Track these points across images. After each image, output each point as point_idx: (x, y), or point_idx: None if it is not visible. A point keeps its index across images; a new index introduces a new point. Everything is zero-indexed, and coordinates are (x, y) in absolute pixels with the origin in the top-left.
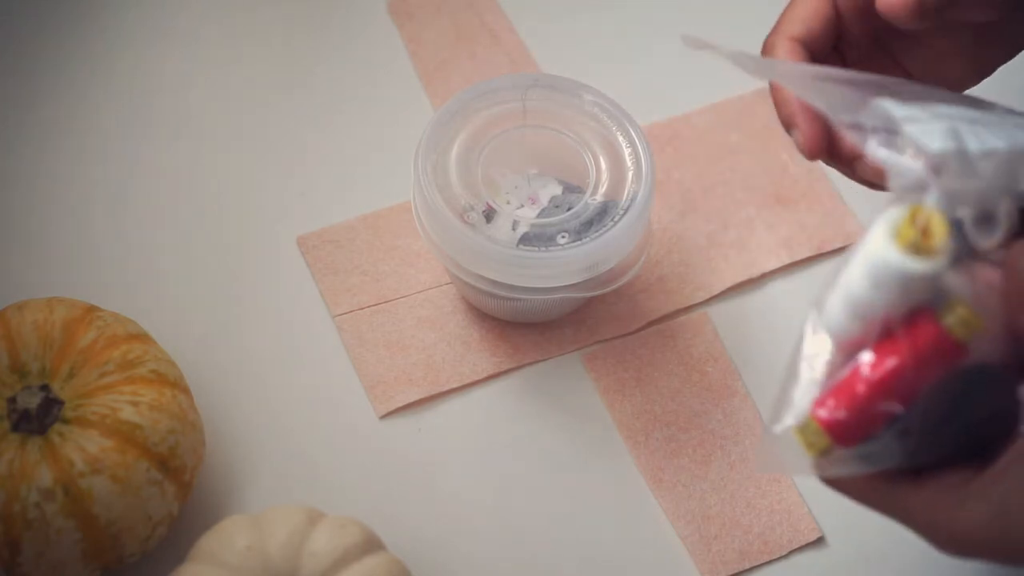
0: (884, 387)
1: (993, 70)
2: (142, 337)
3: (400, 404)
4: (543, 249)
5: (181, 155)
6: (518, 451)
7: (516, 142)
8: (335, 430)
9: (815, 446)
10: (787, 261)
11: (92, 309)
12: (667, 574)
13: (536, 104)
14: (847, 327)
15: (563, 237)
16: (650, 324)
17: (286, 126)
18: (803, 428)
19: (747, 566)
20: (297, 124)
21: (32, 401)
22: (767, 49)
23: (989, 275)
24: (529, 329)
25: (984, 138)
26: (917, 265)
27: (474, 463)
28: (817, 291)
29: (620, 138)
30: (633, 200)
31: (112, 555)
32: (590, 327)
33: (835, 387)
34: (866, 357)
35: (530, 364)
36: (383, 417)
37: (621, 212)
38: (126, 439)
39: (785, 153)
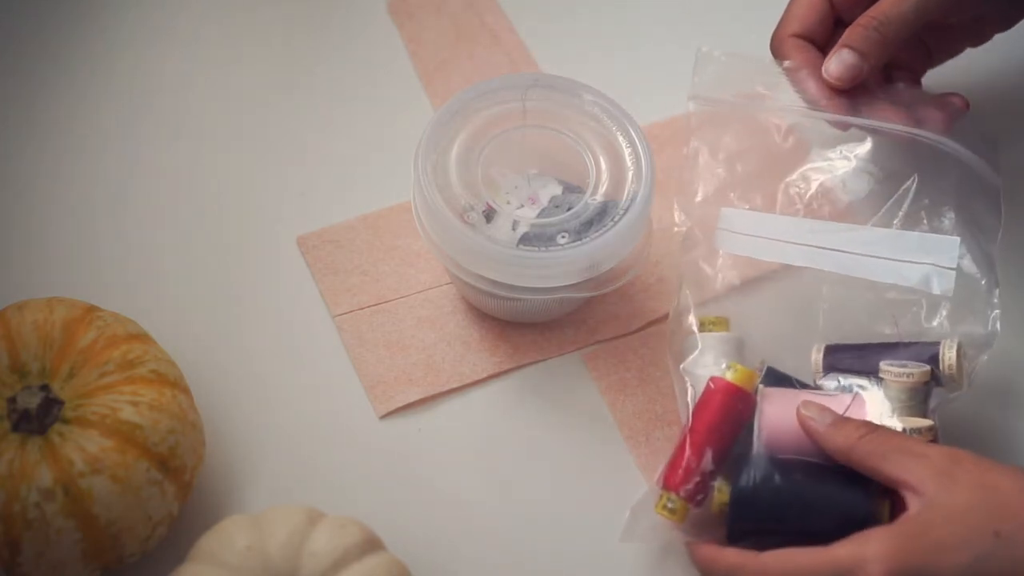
0: (701, 435)
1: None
2: (142, 337)
3: (400, 404)
4: (543, 249)
5: (181, 155)
6: (518, 451)
7: (516, 142)
8: (335, 430)
9: (669, 510)
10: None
11: (92, 309)
12: (667, 573)
13: (536, 104)
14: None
15: (563, 237)
16: (650, 324)
17: (286, 126)
18: (658, 498)
19: None
20: (297, 124)
21: (32, 401)
22: (774, 46)
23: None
24: (529, 329)
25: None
26: (717, 332)
27: (474, 463)
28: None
29: (620, 138)
30: (633, 200)
31: (112, 555)
32: (590, 327)
33: (672, 459)
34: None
35: (530, 364)
36: (383, 417)
37: (621, 212)
38: (126, 439)
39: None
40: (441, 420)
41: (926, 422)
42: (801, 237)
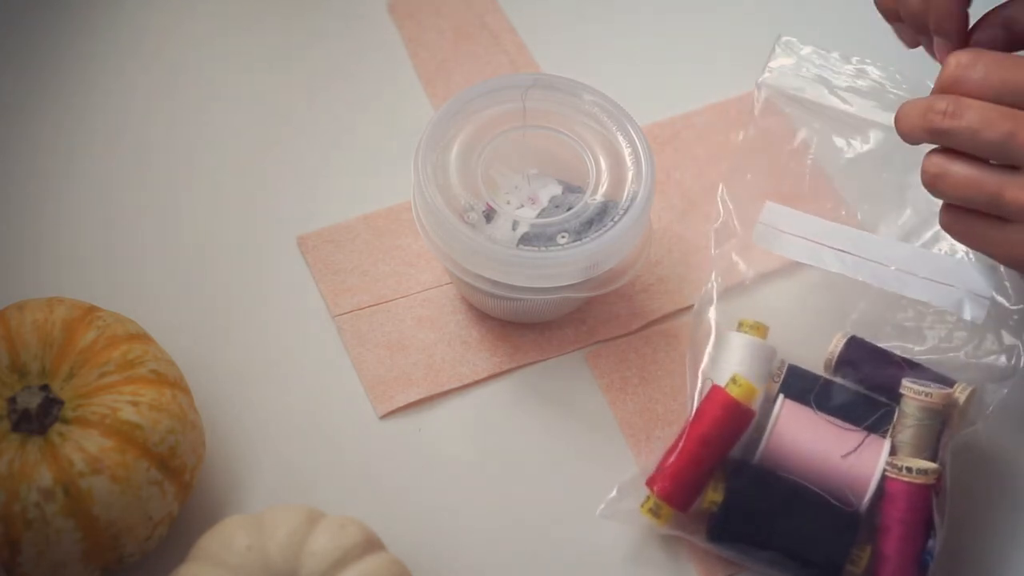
0: (694, 444)
1: None
2: (142, 337)
3: (400, 404)
4: (543, 249)
5: (181, 155)
6: (518, 451)
7: (516, 142)
8: (335, 430)
9: (653, 512)
10: (788, 261)
11: (92, 309)
12: (667, 572)
13: (536, 104)
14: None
15: (563, 237)
16: (650, 324)
17: (286, 126)
18: (644, 498)
19: (746, 565)
20: (297, 124)
21: (32, 401)
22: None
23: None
24: (529, 329)
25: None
26: (751, 336)
27: (474, 463)
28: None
29: (620, 138)
30: (633, 200)
31: (112, 555)
32: (590, 327)
33: (663, 461)
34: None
35: (530, 364)
36: (383, 417)
37: (621, 212)
38: (126, 439)
39: (786, 153)
40: (441, 420)
41: (932, 465)
42: (841, 243)
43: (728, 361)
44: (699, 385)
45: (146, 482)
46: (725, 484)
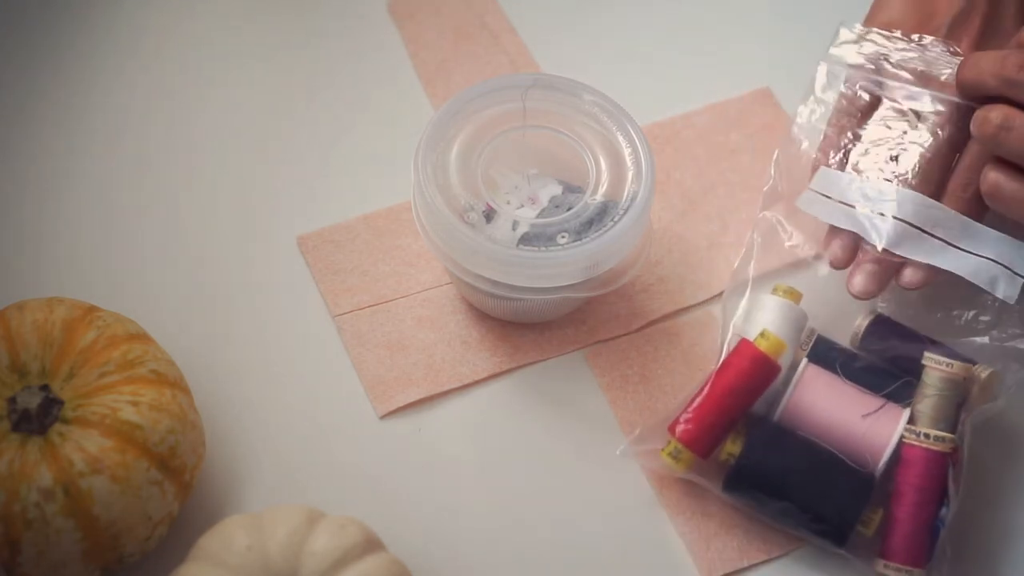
0: (719, 393)
1: None
2: (142, 337)
3: (400, 404)
4: (543, 249)
5: (181, 155)
6: (518, 450)
7: (516, 142)
8: (335, 430)
9: (673, 456)
10: (788, 261)
11: (92, 309)
12: (667, 571)
13: (536, 104)
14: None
15: (563, 237)
16: (650, 324)
17: (286, 126)
18: (666, 443)
19: (745, 564)
20: (297, 124)
21: (32, 401)
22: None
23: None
24: (529, 329)
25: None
26: (784, 299)
27: (474, 463)
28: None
29: (620, 138)
30: (633, 200)
31: (112, 555)
32: (590, 327)
33: (686, 407)
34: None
35: (530, 364)
36: (383, 417)
37: (621, 212)
38: (126, 439)
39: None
40: (441, 420)
41: (949, 435)
42: (889, 205)
43: (759, 321)
44: (729, 335)
45: (146, 482)
46: (744, 438)
